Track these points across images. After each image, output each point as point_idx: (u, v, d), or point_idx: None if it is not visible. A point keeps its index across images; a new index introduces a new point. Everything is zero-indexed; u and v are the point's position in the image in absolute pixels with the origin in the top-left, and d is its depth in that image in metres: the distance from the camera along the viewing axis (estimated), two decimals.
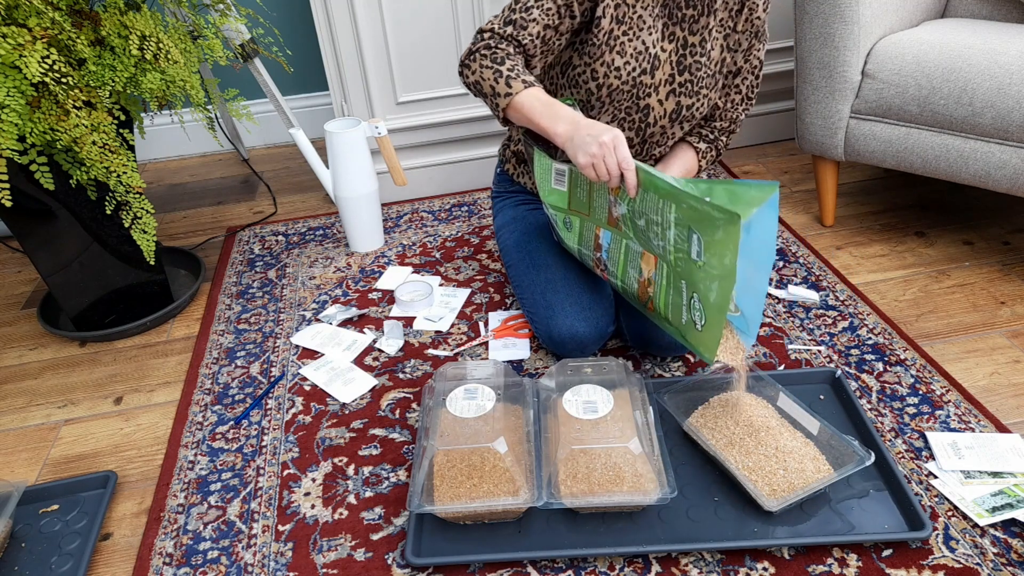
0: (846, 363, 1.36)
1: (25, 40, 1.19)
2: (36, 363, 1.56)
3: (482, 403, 1.13)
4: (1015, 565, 0.99)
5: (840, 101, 1.62)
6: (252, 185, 2.26)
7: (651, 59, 1.27)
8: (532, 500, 1.04)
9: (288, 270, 1.78)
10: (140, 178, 1.36)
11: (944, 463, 1.13)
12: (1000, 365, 1.34)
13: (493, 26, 1.23)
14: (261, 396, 1.39)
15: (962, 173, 1.51)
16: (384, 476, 1.20)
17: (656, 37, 1.26)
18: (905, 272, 1.62)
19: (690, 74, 1.29)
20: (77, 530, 1.15)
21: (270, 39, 1.92)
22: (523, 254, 1.44)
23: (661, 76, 1.29)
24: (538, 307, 1.36)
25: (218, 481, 1.22)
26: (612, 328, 1.38)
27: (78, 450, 1.33)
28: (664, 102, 1.31)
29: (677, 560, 1.03)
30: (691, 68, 1.29)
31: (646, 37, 1.25)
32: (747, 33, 1.31)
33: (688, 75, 1.29)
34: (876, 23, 1.57)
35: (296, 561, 1.08)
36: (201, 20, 1.53)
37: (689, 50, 1.28)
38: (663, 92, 1.30)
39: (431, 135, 1.96)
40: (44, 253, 1.50)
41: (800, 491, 1.04)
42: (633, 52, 1.25)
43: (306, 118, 2.44)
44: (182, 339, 1.59)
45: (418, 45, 1.83)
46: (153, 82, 1.33)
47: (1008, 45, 1.42)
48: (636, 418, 1.10)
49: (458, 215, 1.96)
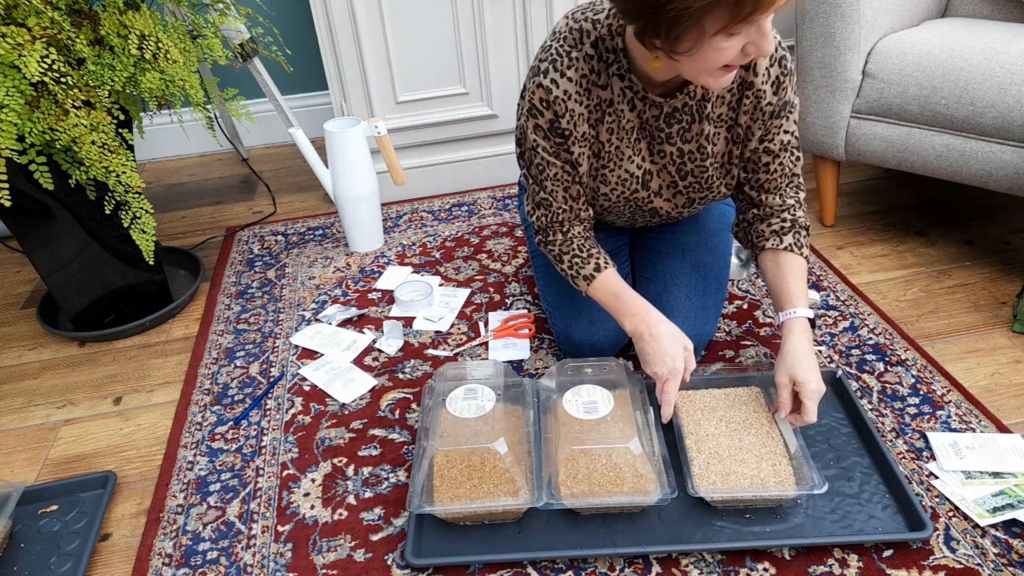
0: (847, 363, 1.36)
1: (24, 40, 1.19)
2: (35, 363, 1.56)
3: (482, 403, 1.12)
4: (1016, 565, 0.99)
5: (841, 101, 1.61)
6: (251, 185, 2.26)
7: (640, 179, 1.19)
8: (532, 500, 1.04)
9: (287, 270, 1.78)
10: (139, 178, 1.35)
11: (945, 463, 1.13)
12: (1001, 365, 1.34)
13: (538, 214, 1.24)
14: (260, 396, 1.39)
15: (963, 173, 1.51)
16: (384, 476, 1.20)
17: (640, 160, 1.17)
18: (906, 272, 1.62)
19: (694, 177, 1.19)
20: (76, 530, 1.15)
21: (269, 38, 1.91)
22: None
23: (660, 183, 1.21)
24: (563, 306, 1.35)
25: (217, 481, 1.22)
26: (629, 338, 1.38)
27: (77, 450, 1.33)
28: (672, 199, 1.23)
29: (677, 561, 1.03)
30: (693, 172, 1.18)
31: (628, 165, 1.17)
32: (759, 121, 1.14)
33: (692, 178, 1.19)
34: (877, 22, 1.57)
35: (296, 562, 1.07)
36: (200, 19, 1.53)
37: (688, 157, 1.16)
38: (667, 194, 1.22)
39: (431, 135, 1.96)
40: (43, 253, 1.50)
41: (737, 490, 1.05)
42: (618, 180, 1.19)
43: (306, 118, 2.43)
44: (181, 339, 1.59)
45: (418, 45, 1.82)
46: (152, 82, 1.32)
47: (1009, 45, 1.42)
48: (636, 418, 1.10)
49: (458, 215, 1.96)
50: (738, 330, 1.45)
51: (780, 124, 1.15)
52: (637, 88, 1.09)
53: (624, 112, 1.12)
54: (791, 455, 1.09)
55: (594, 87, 1.10)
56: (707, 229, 1.42)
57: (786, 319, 1.14)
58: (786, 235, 1.19)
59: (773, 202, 1.20)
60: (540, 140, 1.15)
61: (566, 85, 1.09)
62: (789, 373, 1.10)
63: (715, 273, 1.37)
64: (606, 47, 1.07)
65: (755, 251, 1.24)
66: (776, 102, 1.12)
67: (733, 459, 1.09)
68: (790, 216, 1.20)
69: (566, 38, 1.09)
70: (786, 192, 1.20)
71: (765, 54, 0.92)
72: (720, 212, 1.45)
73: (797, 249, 1.18)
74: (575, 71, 1.09)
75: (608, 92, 1.11)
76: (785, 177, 1.19)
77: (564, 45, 1.09)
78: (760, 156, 1.17)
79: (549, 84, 1.09)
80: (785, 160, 1.18)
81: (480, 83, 1.90)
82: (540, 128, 1.14)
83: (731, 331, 1.45)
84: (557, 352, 1.43)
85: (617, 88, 1.10)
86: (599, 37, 1.07)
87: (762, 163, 1.18)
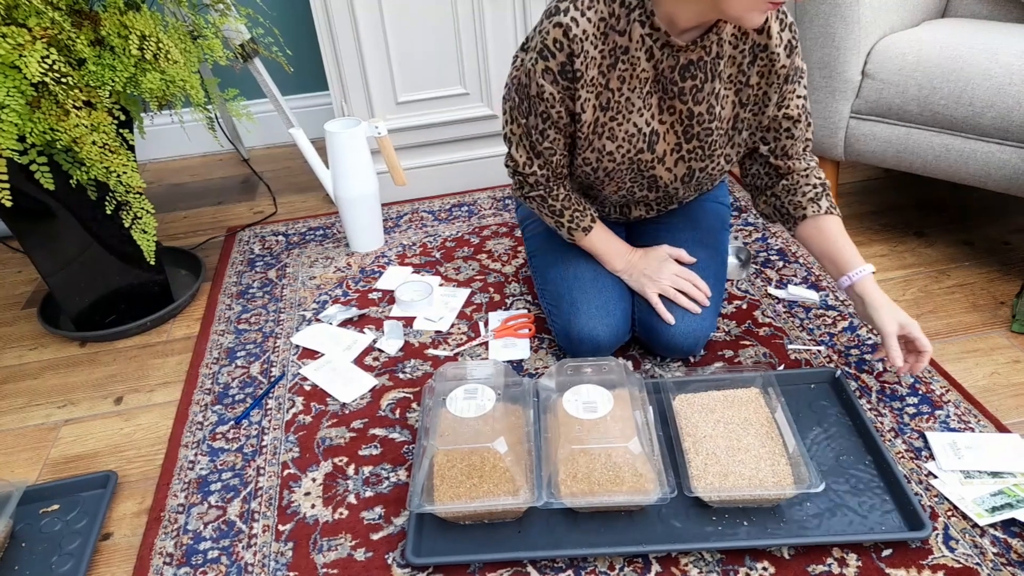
0: (846, 363, 1.36)
1: (25, 40, 1.19)
2: (36, 363, 1.56)
3: (482, 403, 1.13)
4: (1015, 565, 0.99)
5: (840, 101, 1.62)
6: (252, 185, 2.26)
7: (647, 137, 1.20)
8: (532, 500, 1.04)
9: (288, 270, 1.78)
10: (140, 178, 1.36)
11: (944, 463, 1.13)
12: (1000, 365, 1.34)
13: (534, 169, 1.26)
14: (261, 396, 1.39)
15: (962, 173, 1.51)
16: (384, 476, 1.20)
17: (649, 116, 1.18)
18: (905, 272, 1.62)
19: (699, 140, 1.21)
20: (77, 530, 1.15)
21: (270, 39, 1.92)
22: (551, 245, 1.43)
23: (665, 147, 1.22)
24: (562, 303, 1.35)
25: (218, 481, 1.22)
26: (629, 336, 1.39)
27: (78, 450, 1.33)
28: (673, 168, 1.25)
29: (677, 560, 1.03)
30: (699, 136, 1.20)
31: (637, 119, 1.17)
32: (774, 85, 1.17)
33: (697, 142, 1.21)
34: (876, 23, 1.57)
35: (296, 561, 1.08)
36: (201, 20, 1.53)
37: (696, 119, 1.18)
38: (670, 161, 1.24)
39: (431, 135, 1.96)
40: (44, 253, 1.50)
41: (735, 490, 1.05)
42: (625, 135, 1.19)
43: (306, 118, 2.44)
44: (182, 339, 1.59)
45: (418, 45, 1.83)
46: (153, 82, 1.32)
47: (1008, 45, 1.42)
48: (636, 418, 1.10)
49: (458, 215, 1.96)
50: (737, 330, 1.45)
51: (794, 89, 1.20)
52: (658, 35, 1.10)
53: (640, 61, 1.13)
54: (789, 455, 1.09)
55: (612, 31, 1.10)
56: (704, 227, 1.42)
57: (859, 278, 1.21)
58: (820, 200, 1.25)
59: (799, 167, 1.26)
60: (548, 85, 1.14)
61: (585, 24, 1.09)
62: (897, 320, 1.17)
63: (713, 270, 1.38)
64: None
65: (792, 223, 1.28)
66: (790, 65, 1.16)
67: (731, 459, 1.09)
68: (816, 179, 1.26)
69: None
70: (806, 155, 1.26)
71: None
72: (717, 212, 1.46)
73: (834, 210, 1.25)
74: (595, 12, 1.09)
75: (625, 39, 1.11)
76: (804, 142, 1.25)
77: None
78: (781, 122, 1.22)
79: (569, 22, 1.08)
80: (803, 125, 1.23)
81: (480, 83, 1.90)
82: (550, 71, 1.13)
83: (730, 331, 1.45)
84: (557, 352, 1.44)
85: (637, 35, 1.10)
86: None
87: (783, 128, 1.23)
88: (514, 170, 1.29)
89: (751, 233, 1.77)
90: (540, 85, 1.14)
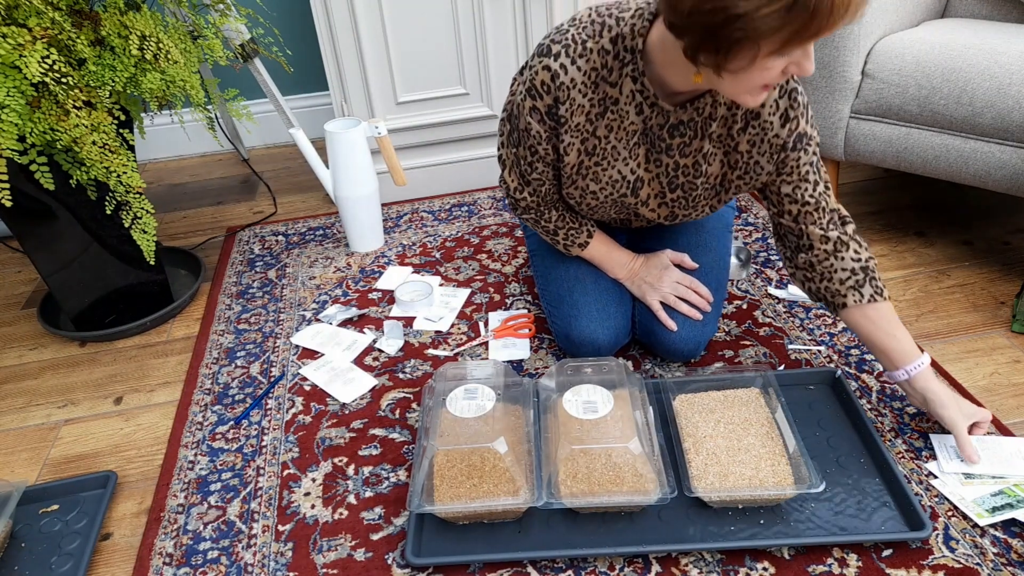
0: (846, 363, 1.36)
1: (25, 40, 1.19)
2: (36, 363, 1.56)
3: (482, 403, 1.13)
4: (1015, 565, 0.99)
5: (840, 101, 1.62)
6: (252, 185, 2.26)
7: (631, 184, 1.18)
8: (532, 500, 1.04)
9: (288, 270, 1.78)
10: (140, 178, 1.36)
11: (946, 466, 1.13)
12: (1000, 365, 1.34)
13: (525, 195, 1.26)
14: (261, 396, 1.39)
15: (962, 173, 1.51)
16: (384, 476, 1.20)
17: (635, 164, 1.16)
18: (905, 272, 1.62)
19: (683, 191, 1.19)
20: (77, 530, 1.15)
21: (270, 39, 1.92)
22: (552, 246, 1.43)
23: (648, 192, 1.20)
24: (563, 304, 1.35)
25: (218, 481, 1.22)
26: (629, 339, 1.39)
27: (78, 450, 1.33)
28: (656, 210, 1.23)
29: (677, 560, 1.03)
30: (683, 187, 1.18)
31: (622, 167, 1.16)
32: (766, 155, 1.11)
33: (681, 192, 1.19)
34: (876, 23, 1.57)
35: (296, 561, 1.08)
36: (201, 20, 1.53)
37: (682, 171, 1.16)
38: (653, 204, 1.22)
39: (431, 135, 1.96)
40: (44, 253, 1.50)
41: (736, 490, 1.05)
42: (608, 180, 1.18)
43: (306, 118, 2.44)
44: (182, 339, 1.59)
45: (418, 45, 1.83)
46: (153, 82, 1.32)
47: (1008, 45, 1.42)
48: (636, 418, 1.10)
49: (458, 215, 1.96)
50: (737, 330, 1.45)
51: (798, 157, 1.11)
52: (648, 93, 1.08)
53: (629, 114, 1.11)
54: (790, 455, 1.09)
55: (603, 82, 1.09)
56: (707, 230, 1.42)
57: (917, 373, 1.13)
58: (863, 287, 1.14)
59: (815, 232, 1.15)
60: (534, 123, 1.13)
61: (574, 73, 1.07)
62: (967, 415, 1.12)
63: (715, 274, 1.37)
64: (625, 46, 1.06)
65: (833, 309, 1.19)
66: (785, 135, 1.09)
67: (732, 460, 1.09)
68: (853, 261, 1.14)
69: (586, 27, 1.07)
70: (828, 226, 1.15)
71: (807, 73, 0.90)
72: (720, 213, 1.46)
73: (879, 296, 1.14)
74: (586, 62, 1.07)
75: (616, 91, 1.09)
76: (822, 211, 1.14)
77: (582, 33, 1.06)
78: (780, 187, 1.14)
79: (557, 68, 1.07)
80: (811, 187, 1.13)
81: (480, 83, 1.90)
82: (537, 111, 1.12)
83: (730, 331, 1.45)
84: (557, 352, 1.43)
85: (627, 90, 1.09)
86: (620, 34, 1.05)
87: (784, 194, 1.15)
88: (507, 192, 1.29)
89: (751, 233, 1.77)
90: (528, 122, 1.14)
